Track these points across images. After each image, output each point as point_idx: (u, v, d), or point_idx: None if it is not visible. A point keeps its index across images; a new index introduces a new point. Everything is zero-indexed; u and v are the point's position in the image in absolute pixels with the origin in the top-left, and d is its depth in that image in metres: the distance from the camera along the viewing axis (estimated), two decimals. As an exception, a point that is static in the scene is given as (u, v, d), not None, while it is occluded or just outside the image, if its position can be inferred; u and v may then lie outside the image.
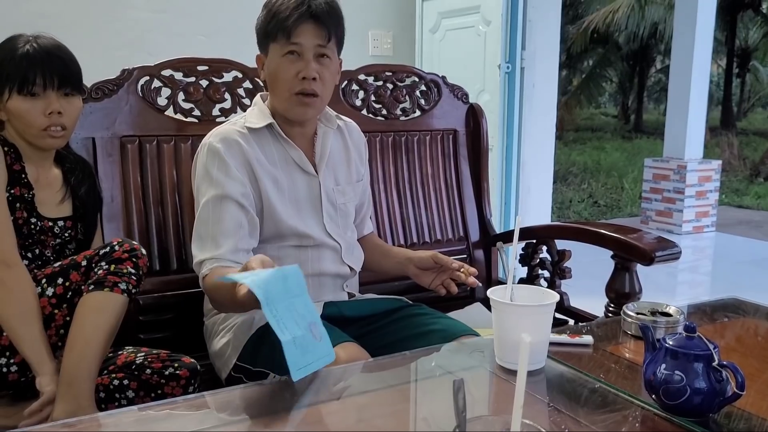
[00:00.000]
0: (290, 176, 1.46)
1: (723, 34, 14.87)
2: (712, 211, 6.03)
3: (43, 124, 1.34)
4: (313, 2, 1.37)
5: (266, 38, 1.41)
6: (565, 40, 13.01)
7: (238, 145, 1.40)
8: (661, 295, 1.35)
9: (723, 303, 1.50)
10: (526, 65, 3.62)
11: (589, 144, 13.67)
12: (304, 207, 1.47)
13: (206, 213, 1.37)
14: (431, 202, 2.05)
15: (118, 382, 1.34)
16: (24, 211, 1.36)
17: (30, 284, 1.30)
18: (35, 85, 1.32)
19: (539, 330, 1.08)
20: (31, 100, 1.33)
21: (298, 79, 1.39)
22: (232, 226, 1.36)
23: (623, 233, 1.71)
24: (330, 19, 1.39)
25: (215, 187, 1.37)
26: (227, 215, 1.36)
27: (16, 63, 1.32)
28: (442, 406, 1.03)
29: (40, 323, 1.28)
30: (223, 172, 1.38)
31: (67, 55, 1.37)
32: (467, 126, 2.13)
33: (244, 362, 1.38)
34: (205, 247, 1.35)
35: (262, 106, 1.48)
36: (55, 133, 1.36)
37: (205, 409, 1.04)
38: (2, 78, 1.32)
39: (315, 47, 1.39)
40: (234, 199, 1.37)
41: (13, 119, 1.35)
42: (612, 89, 20.26)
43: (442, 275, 1.47)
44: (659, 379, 0.94)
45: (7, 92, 1.33)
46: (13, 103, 1.33)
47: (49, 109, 1.34)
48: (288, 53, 1.39)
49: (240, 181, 1.38)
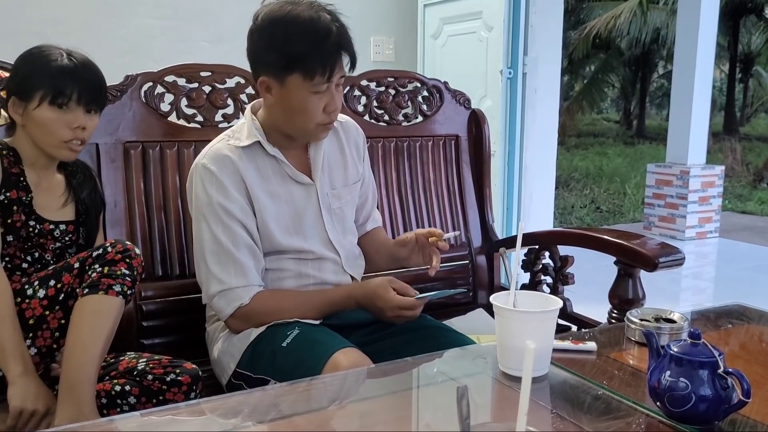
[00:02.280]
0: (287, 188, 1.45)
1: (726, 39, 14.87)
2: (715, 217, 6.01)
3: (66, 137, 1.35)
4: (343, 34, 1.32)
5: (287, 69, 1.31)
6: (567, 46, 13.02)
7: (232, 164, 1.38)
8: (663, 302, 1.35)
9: (727, 309, 1.50)
10: (528, 71, 3.62)
11: (591, 149, 13.66)
12: (306, 217, 1.46)
13: (217, 237, 1.37)
14: (433, 208, 2.05)
15: (119, 388, 1.34)
16: (22, 214, 1.36)
17: (8, 290, 1.28)
18: (69, 99, 1.34)
19: (543, 336, 1.08)
20: (60, 111, 1.34)
21: (326, 113, 1.37)
22: (248, 251, 1.38)
23: (626, 239, 1.71)
24: (353, 48, 1.35)
25: (221, 212, 1.37)
26: (240, 240, 1.37)
27: (52, 74, 1.33)
28: (445, 412, 1.03)
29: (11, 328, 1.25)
30: (222, 194, 1.37)
31: (100, 74, 1.40)
32: (469, 132, 2.13)
33: (244, 369, 1.38)
34: (229, 272, 1.36)
35: (251, 123, 1.43)
36: (74, 146, 1.37)
37: (207, 415, 1.03)
38: (33, 86, 1.33)
39: (339, 78, 1.36)
40: (240, 221, 1.38)
41: (35, 127, 1.35)
42: (614, 94, 20.27)
43: (425, 250, 1.48)
44: (664, 386, 0.94)
45: (37, 100, 1.33)
46: (40, 112, 1.34)
47: (75, 123, 1.35)
48: (318, 91, 1.33)
49: (240, 203, 1.38)
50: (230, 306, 1.37)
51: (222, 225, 1.37)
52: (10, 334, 1.26)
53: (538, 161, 3.81)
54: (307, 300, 1.42)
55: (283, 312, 1.39)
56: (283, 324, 1.37)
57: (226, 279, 1.37)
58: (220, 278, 1.37)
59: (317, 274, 1.47)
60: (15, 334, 1.27)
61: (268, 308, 1.39)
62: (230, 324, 1.41)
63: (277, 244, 1.42)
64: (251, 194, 1.40)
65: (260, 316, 1.38)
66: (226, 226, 1.37)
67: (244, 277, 1.38)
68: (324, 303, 1.42)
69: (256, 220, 1.41)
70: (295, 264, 1.45)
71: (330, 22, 1.31)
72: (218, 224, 1.37)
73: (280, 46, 1.31)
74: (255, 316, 1.39)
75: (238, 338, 1.41)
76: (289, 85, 1.33)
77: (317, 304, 1.41)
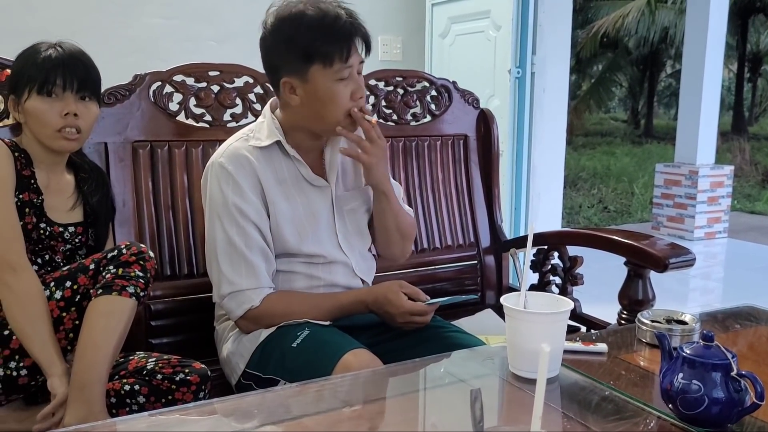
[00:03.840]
0: (302, 190, 1.44)
1: (734, 38, 14.80)
2: (724, 217, 5.98)
3: (58, 125, 1.35)
4: (353, 17, 1.34)
5: (306, 62, 1.32)
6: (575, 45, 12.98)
7: (249, 165, 1.38)
8: (672, 302, 1.34)
9: (736, 311, 1.48)
10: (536, 70, 3.61)
11: (598, 149, 13.61)
12: (319, 220, 1.45)
13: (230, 238, 1.37)
14: (442, 208, 2.05)
15: (129, 387, 1.34)
16: (33, 216, 1.36)
17: (38, 287, 1.30)
18: (55, 86, 1.34)
19: (554, 338, 1.07)
20: (49, 100, 1.34)
21: (354, 100, 1.37)
22: (261, 253, 1.38)
23: (636, 239, 1.70)
24: (365, 29, 1.36)
25: (236, 212, 1.37)
26: (253, 241, 1.37)
27: (38, 65, 1.34)
28: (455, 414, 1.02)
29: (49, 325, 1.28)
30: (238, 195, 1.37)
31: (88, 61, 1.40)
32: (478, 131, 2.12)
33: (253, 369, 1.38)
34: (240, 273, 1.36)
35: (271, 122, 1.43)
36: (69, 135, 1.37)
37: (216, 415, 1.03)
38: (23, 79, 1.35)
39: (359, 64, 1.37)
40: (254, 223, 1.38)
41: (30, 119, 1.36)
42: (622, 94, 20.18)
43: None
44: (676, 388, 0.93)
45: (26, 93, 1.34)
46: (31, 103, 1.34)
47: (65, 110, 1.35)
48: (341, 78, 1.34)
49: (255, 205, 1.38)
50: (240, 308, 1.37)
51: (236, 226, 1.37)
52: (50, 329, 1.28)
53: (546, 161, 3.79)
54: (317, 304, 1.42)
55: (292, 315, 1.39)
56: (293, 324, 1.37)
57: (237, 280, 1.37)
58: (231, 279, 1.37)
59: (327, 277, 1.46)
60: (53, 329, 1.29)
61: (278, 311, 1.39)
62: (240, 325, 1.41)
63: (288, 247, 1.42)
64: (266, 196, 1.39)
65: (270, 318, 1.39)
66: (240, 227, 1.37)
67: (256, 279, 1.38)
68: (334, 307, 1.42)
69: (269, 222, 1.40)
70: (306, 267, 1.45)
71: (337, 8, 1.33)
72: (232, 225, 1.37)
73: (295, 41, 1.32)
74: (265, 318, 1.39)
75: (248, 338, 1.41)
76: (312, 78, 1.33)
77: (327, 308, 1.41)
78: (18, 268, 1.29)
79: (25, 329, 1.26)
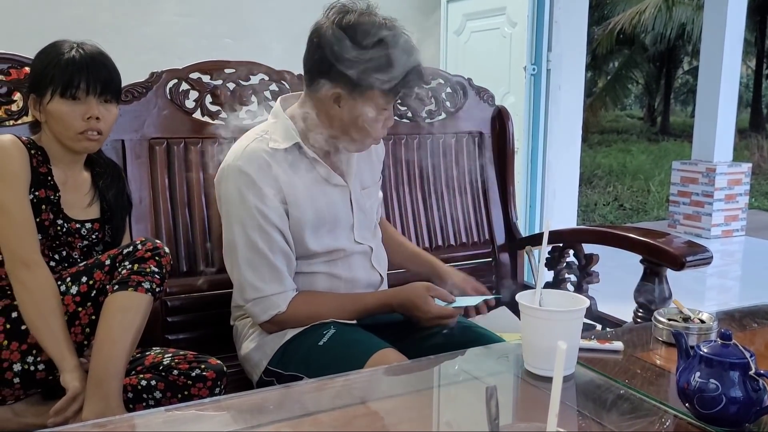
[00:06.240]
0: (321, 190, 1.43)
1: (753, 35, 14.62)
2: (741, 215, 5.92)
3: (80, 128, 1.36)
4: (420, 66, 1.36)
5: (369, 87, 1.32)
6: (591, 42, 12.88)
7: (268, 167, 1.36)
8: (689, 301, 1.32)
9: (754, 309, 1.47)
10: (552, 67, 3.59)
11: (614, 146, 13.52)
12: (338, 218, 1.45)
13: (253, 242, 1.35)
14: (456, 205, 2.04)
15: (145, 382, 1.35)
16: (50, 213, 1.37)
17: (51, 283, 1.31)
18: (78, 90, 1.34)
19: (570, 336, 1.07)
20: (73, 103, 1.35)
21: (384, 128, 1.40)
22: (284, 256, 1.38)
23: (652, 237, 1.68)
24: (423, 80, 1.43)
25: (259, 216, 1.35)
26: (276, 245, 1.37)
27: (61, 67, 1.34)
28: (470, 411, 1.02)
29: (61, 321, 1.29)
30: (260, 199, 1.35)
31: (110, 64, 1.40)
32: (493, 128, 2.11)
33: (275, 367, 1.38)
34: (264, 278, 1.36)
35: (285, 122, 1.41)
36: (91, 136, 1.38)
37: (232, 410, 1.04)
38: (46, 80, 1.35)
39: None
40: (276, 226, 1.36)
41: (52, 121, 1.37)
42: (638, 91, 20.01)
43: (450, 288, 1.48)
44: (693, 387, 0.92)
45: (49, 94, 1.35)
46: (54, 105, 1.35)
47: (88, 113, 1.36)
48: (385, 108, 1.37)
49: (277, 208, 1.36)
50: (266, 313, 1.37)
51: (258, 230, 1.35)
52: (62, 325, 1.29)
53: (561, 158, 3.78)
54: (342, 305, 1.42)
55: (318, 317, 1.39)
56: (319, 324, 1.38)
57: (261, 286, 1.36)
58: (255, 285, 1.36)
59: (347, 274, 1.46)
60: (65, 325, 1.30)
61: (303, 314, 1.39)
62: (264, 327, 1.41)
63: (308, 248, 1.42)
64: (287, 198, 1.38)
65: (296, 322, 1.39)
66: (264, 231, 1.35)
67: (280, 284, 1.37)
68: (358, 310, 1.42)
69: (289, 223, 1.39)
70: (326, 266, 1.45)
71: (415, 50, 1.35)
72: (255, 229, 1.35)
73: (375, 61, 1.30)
74: (290, 322, 1.39)
75: (271, 337, 1.41)
76: (366, 99, 1.33)
77: (352, 309, 1.41)
78: (31, 264, 1.30)
79: (38, 325, 1.28)
